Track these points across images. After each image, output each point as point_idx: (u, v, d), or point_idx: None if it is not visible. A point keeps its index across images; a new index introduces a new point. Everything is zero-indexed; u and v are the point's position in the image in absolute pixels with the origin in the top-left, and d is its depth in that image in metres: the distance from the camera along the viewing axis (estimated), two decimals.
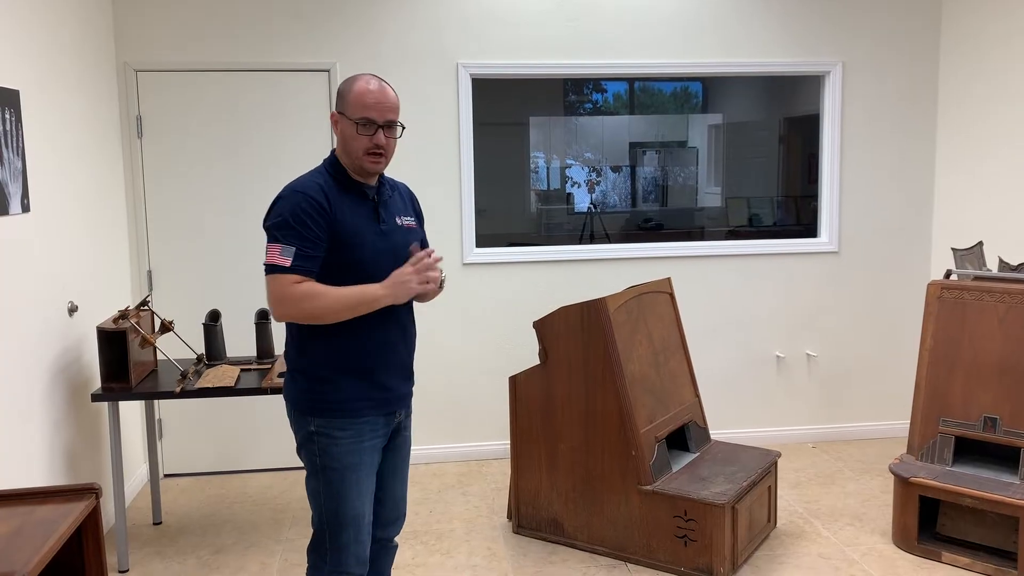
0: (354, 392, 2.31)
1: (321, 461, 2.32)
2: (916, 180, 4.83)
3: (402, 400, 2.43)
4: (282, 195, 2.27)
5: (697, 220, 7.30)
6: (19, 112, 3.09)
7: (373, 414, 2.34)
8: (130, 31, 4.23)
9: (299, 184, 2.28)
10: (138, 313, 3.57)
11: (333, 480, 2.32)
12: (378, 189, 2.38)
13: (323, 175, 2.31)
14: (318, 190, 2.25)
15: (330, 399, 2.30)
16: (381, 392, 2.35)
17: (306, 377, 2.32)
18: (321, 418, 2.31)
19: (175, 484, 4.43)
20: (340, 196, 2.29)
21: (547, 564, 3.46)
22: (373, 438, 2.35)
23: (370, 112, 2.26)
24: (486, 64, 4.47)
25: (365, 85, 2.28)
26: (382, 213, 2.36)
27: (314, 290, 2.20)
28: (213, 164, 4.36)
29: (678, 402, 3.70)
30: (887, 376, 4.94)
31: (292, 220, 2.21)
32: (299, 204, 2.22)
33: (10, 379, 2.99)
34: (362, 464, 2.33)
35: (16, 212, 3.04)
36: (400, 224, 2.41)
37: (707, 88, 7.41)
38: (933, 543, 3.45)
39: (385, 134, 2.28)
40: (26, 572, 2.00)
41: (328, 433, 2.31)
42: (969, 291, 3.47)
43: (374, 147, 2.27)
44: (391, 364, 2.37)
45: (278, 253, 2.20)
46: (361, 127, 2.26)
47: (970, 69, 4.53)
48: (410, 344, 2.45)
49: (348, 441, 2.31)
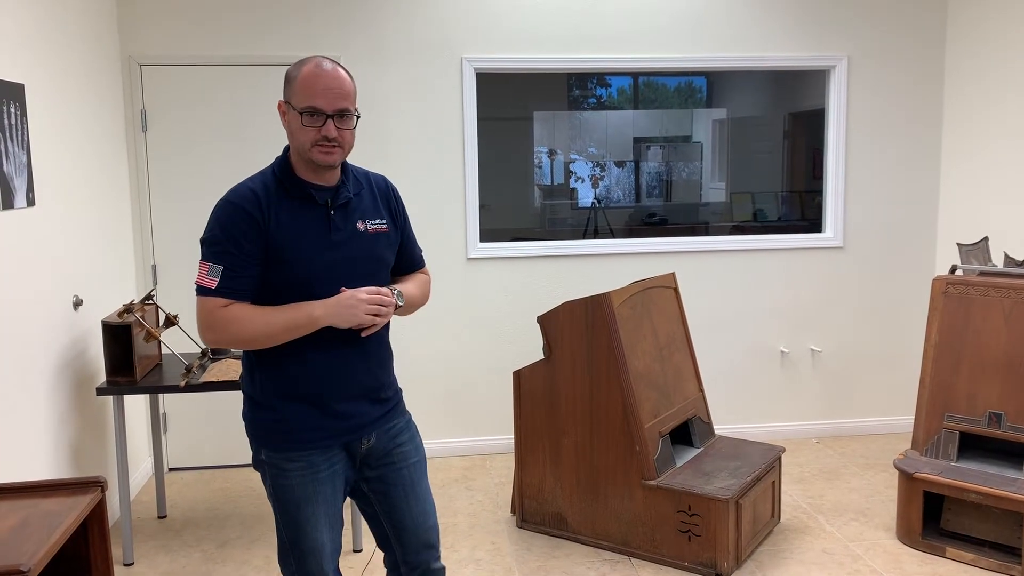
0: (302, 421, 2.06)
1: (273, 492, 2.10)
2: (921, 175, 4.82)
3: (369, 427, 2.14)
4: (216, 205, 2.02)
5: (701, 215, 7.29)
6: (24, 106, 3.10)
7: (326, 444, 2.08)
8: (134, 25, 4.23)
9: (233, 191, 2.02)
10: (143, 307, 3.57)
11: (288, 511, 2.09)
12: (336, 190, 2.06)
13: (265, 178, 2.05)
14: (251, 198, 1.98)
15: (276, 429, 2.07)
16: (335, 420, 2.08)
17: (254, 404, 2.10)
18: (269, 449, 2.08)
19: (180, 478, 4.44)
20: (279, 204, 2.00)
21: (551, 558, 3.47)
22: (331, 467, 2.10)
23: (317, 100, 1.95)
24: (490, 58, 4.46)
25: (314, 68, 1.97)
26: (335, 220, 2.04)
27: (241, 314, 1.96)
28: (217, 158, 4.36)
29: (682, 397, 3.69)
30: (891, 371, 4.94)
31: (221, 234, 1.97)
32: (229, 216, 1.97)
33: (16, 372, 2.99)
34: (318, 495, 2.08)
35: (21, 206, 3.04)
36: (363, 230, 2.08)
37: (711, 83, 7.39)
38: (937, 538, 3.45)
39: (337, 124, 1.97)
40: (32, 565, 2.01)
41: (277, 464, 2.07)
42: (974, 286, 3.46)
43: (323, 139, 1.97)
44: (347, 388, 2.09)
45: (206, 273, 1.97)
46: (307, 117, 1.96)
47: (976, 63, 4.52)
48: (375, 363, 2.14)
49: (298, 474, 2.07)
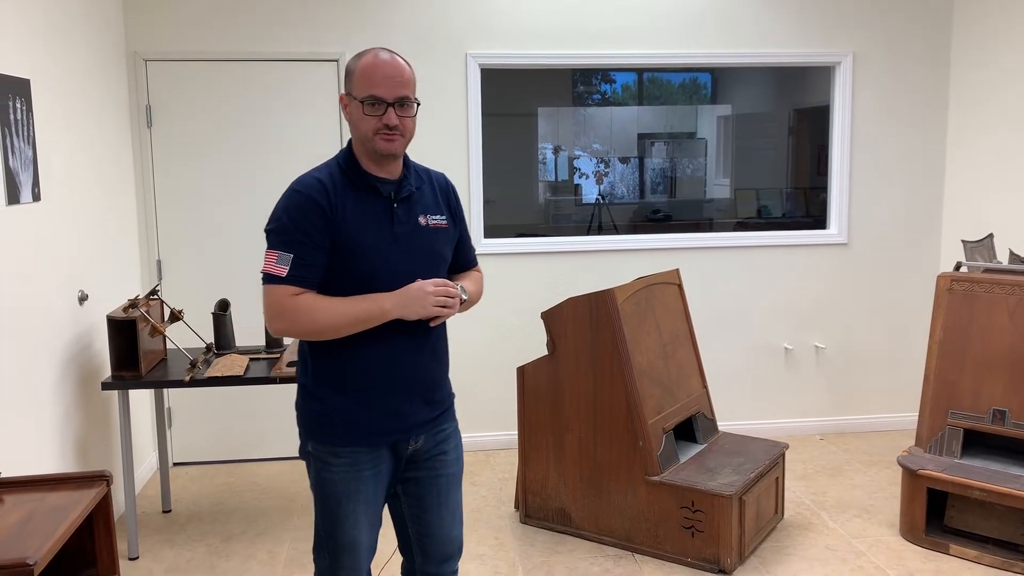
0: (352, 416, 2.05)
1: (316, 483, 2.11)
2: (926, 171, 4.81)
3: (419, 428, 2.11)
4: (283, 195, 2.03)
5: (706, 212, 7.28)
6: (30, 101, 3.10)
7: (373, 442, 2.07)
8: (139, 20, 4.23)
9: (300, 181, 2.02)
10: (148, 302, 3.58)
11: (328, 505, 2.10)
12: (399, 183, 2.07)
13: (331, 169, 2.05)
14: (319, 188, 1.98)
15: (325, 422, 2.06)
16: (387, 418, 2.06)
17: (305, 394, 2.10)
18: (317, 441, 2.08)
19: (184, 472, 4.45)
20: (346, 194, 2.01)
21: (554, 554, 3.47)
22: (376, 466, 2.08)
23: (377, 88, 1.98)
24: (495, 54, 4.46)
25: (372, 58, 2.01)
26: (399, 213, 2.05)
27: (312, 303, 1.95)
28: (222, 154, 4.37)
29: (686, 393, 3.70)
30: (896, 368, 4.93)
31: (290, 223, 1.97)
32: (297, 205, 1.97)
33: (21, 367, 3.00)
34: (360, 493, 2.08)
35: (27, 201, 3.05)
36: (424, 224, 2.09)
37: (716, 79, 7.37)
38: (941, 535, 3.45)
39: (397, 112, 2.00)
40: (38, 558, 2.02)
41: (322, 458, 2.08)
42: (979, 283, 3.45)
43: (383, 127, 1.98)
44: (402, 385, 2.07)
45: (274, 261, 1.96)
46: (368, 106, 1.98)
47: (982, 59, 4.50)
48: (433, 362, 2.13)
49: (343, 469, 2.06)
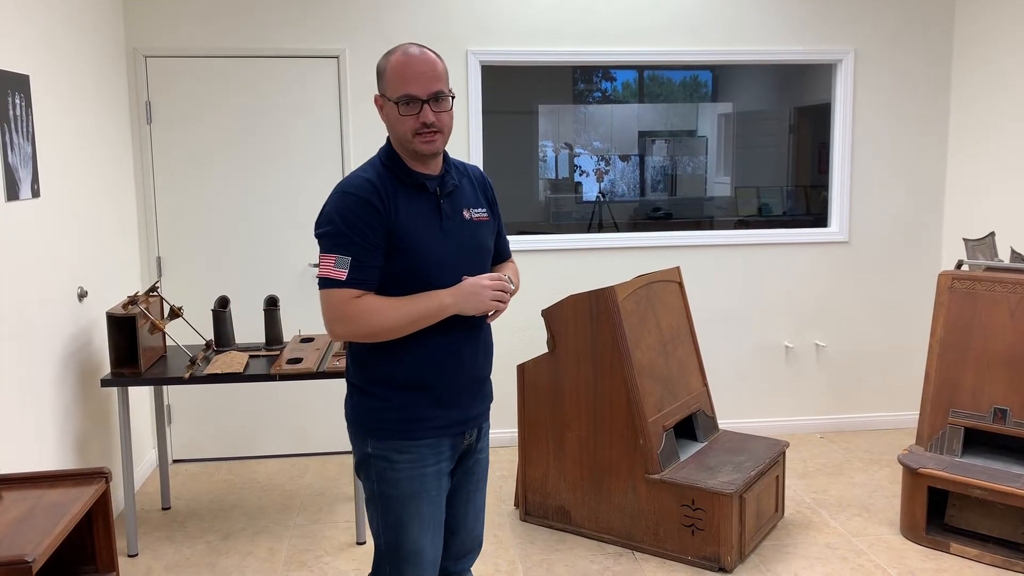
0: (414, 411, 2.05)
1: (379, 487, 2.08)
2: (928, 169, 4.80)
3: (473, 420, 2.15)
4: (331, 198, 2.01)
5: (706, 209, 7.28)
6: (29, 97, 3.10)
7: (436, 435, 2.07)
8: (139, 17, 4.22)
9: (349, 183, 2.00)
10: (147, 299, 3.58)
11: (391, 509, 2.07)
12: (442, 178, 2.08)
13: (376, 169, 2.03)
14: (370, 189, 1.97)
15: (387, 418, 2.06)
16: (446, 411, 2.08)
17: (363, 393, 2.09)
18: (378, 439, 2.06)
19: (184, 470, 4.45)
20: (396, 193, 2.00)
21: (554, 552, 3.47)
22: (438, 462, 2.09)
23: (410, 87, 1.95)
24: (495, 51, 4.45)
25: (402, 56, 1.97)
26: (445, 208, 2.06)
27: (374, 305, 1.96)
28: (222, 150, 4.36)
29: (686, 391, 3.69)
30: (896, 367, 4.93)
31: (344, 226, 1.94)
32: (350, 207, 1.95)
33: (20, 363, 3.00)
34: (424, 492, 2.07)
35: (26, 197, 3.05)
36: (468, 218, 2.10)
37: (717, 77, 7.37)
38: (941, 534, 3.44)
39: (433, 108, 1.97)
40: (37, 555, 2.01)
41: (385, 456, 2.06)
42: (980, 282, 3.45)
43: (422, 127, 1.96)
44: (459, 379, 2.09)
45: (332, 265, 1.94)
46: (403, 106, 1.96)
47: (984, 57, 4.49)
48: (484, 356, 2.17)
49: (408, 466, 2.05)
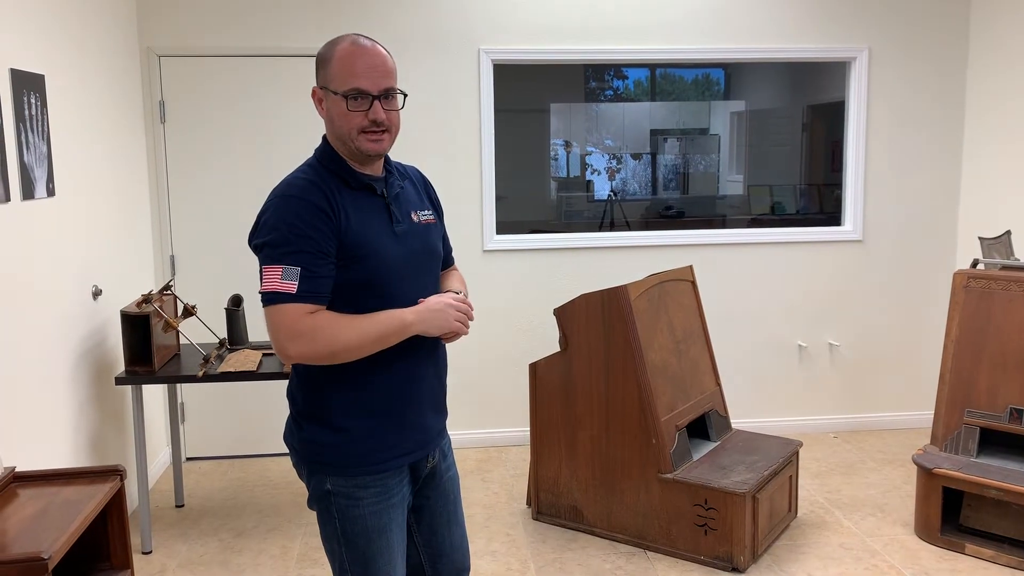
0: (382, 440, 1.86)
1: (341, 525, 1.87)
2: (943, 167, 4.77)
3: (434, 441, 1.99)
4: (270, 203, 1.77)
5: (719, 208, 7.25)
6: (44, 97, 3.11)
7: (400, 462, 1.90)
8: (153, 17, 4.24)
9: (291, 186, 1.78)
10: (161, 297, 3.59)
11: (357, 547, 1.87)
12: (386, 180, 1.89)
13: (316, 170, 1.82)
14: (316, 191, 1.76)
15: (350, 451, 1.84)
16: (415, 433, 1.92)
17: (316, 422, 1.86)
18: (340, 476, 1.85)
19: (197, 467, 4.47)
20: (343, 196, 1.80)
21: (566, 551, 3.47)
22: (400, 489, 1.91)
23: (360, 80, 1.76)
24: (508, 49, 4.44)
25: (351, 46, 1.78)
26: (395, 211, 1.87)
27: (332, 322, 1.73)
28: (235, 149, 4.37)
29: (699, 391, 3.68)
30: (911, 366, 4.90)
31: (290, 233, 1.72)
32: (296, 212, 1.73)
33: (36, 362, 3.02)
34: (391, 524, 1.89)
35: (41, 196, 3.06)
36: (417, 221, 1.92)
37: (729, 75, 7.34)
38: (956, 535, 3.42)
39: (383, 106, 1.79)
40: (52, 552, 2.03)
41: (348, 494, 1.85)
42: (996, 281, 3.42)
43: (371, 124, 1.78)
44: (423, 399, 1.93)
45: (278, 278, 1.71)
46: (351, 101, 1.77)
47: (999, 55, 4.46)
48: (442, 373, 2.02)
49: (373, 500, 1.86)
